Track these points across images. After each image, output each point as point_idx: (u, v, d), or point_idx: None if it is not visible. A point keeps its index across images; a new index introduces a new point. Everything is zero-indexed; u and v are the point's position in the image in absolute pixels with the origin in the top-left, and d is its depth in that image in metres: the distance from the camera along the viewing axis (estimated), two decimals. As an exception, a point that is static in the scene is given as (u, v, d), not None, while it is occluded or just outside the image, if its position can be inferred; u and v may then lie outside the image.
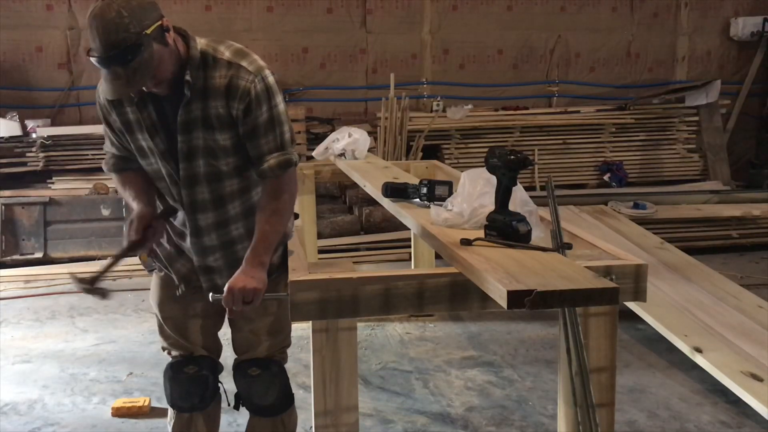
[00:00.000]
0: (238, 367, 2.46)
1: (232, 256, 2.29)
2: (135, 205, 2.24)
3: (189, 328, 2.44)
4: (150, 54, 1.96)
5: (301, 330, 4.14)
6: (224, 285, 2.23)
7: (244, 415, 3.33)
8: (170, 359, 2.50)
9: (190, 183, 2.19)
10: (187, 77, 2.07)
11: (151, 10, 1.97)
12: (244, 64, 2.10)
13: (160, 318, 2.47)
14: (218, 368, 2.53)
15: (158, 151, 2.18)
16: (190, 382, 2.44)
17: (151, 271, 2.45)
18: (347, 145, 4.17)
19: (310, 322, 2.09)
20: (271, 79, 2.14)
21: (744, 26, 7.67)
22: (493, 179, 2.04)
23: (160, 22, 1.98)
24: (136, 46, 1.91)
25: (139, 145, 2.20)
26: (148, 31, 1.94)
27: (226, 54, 2.11)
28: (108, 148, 2.32)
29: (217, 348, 2.55)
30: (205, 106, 2.11)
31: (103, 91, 2.06)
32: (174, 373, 2.45)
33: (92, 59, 1.96)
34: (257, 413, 2.49)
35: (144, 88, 2.06)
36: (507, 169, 1.95)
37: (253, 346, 2.43)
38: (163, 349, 2.52)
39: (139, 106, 2.13)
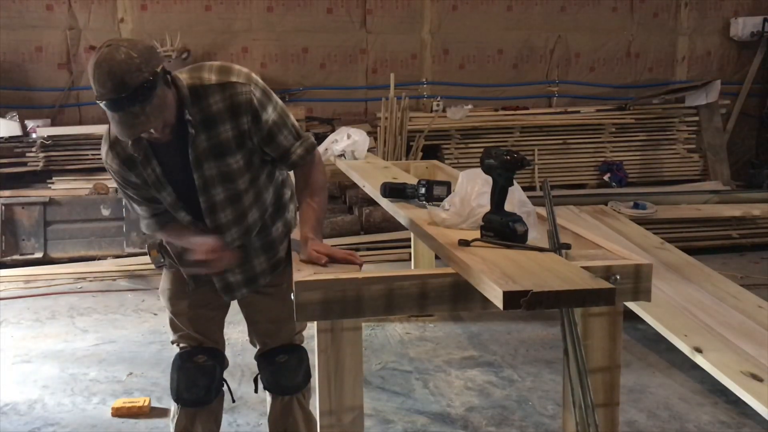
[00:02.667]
0: (263, 356, 2.56)
1: (245, 254, 2.38)
2: (201, 238, 2.29)
3: (199, 321, 2.51)
4: (163, 92, 1.99)
5: (300, 330, 4.14)
6: (236, 283, 2.42)
7: (244, 415, 3.35)
8: (179, 351, 2.54)
9: (212, 211, 2.26)
10: (188, 116, 2.09)
11: (155, 52, 2.01)
12: (233, 79, 2.13)
13: (170, 312, 2.52)
14: (225, 362, 2.61)
15: (168, 202, 2.25)
16: (198, 372, 2.48)
17: (159, 267, 2.50)
18: (346, 146, 4.19)
19: (314, 322, 2.09)
20: (260, 80, 2.21)
21: (744, 26, 7.67)
22: (491, 179, 2.03)
23: (162, 65, 2.01)
24: (151, 83, 1.93)
25: (157, 196, 2.27)
26: (158, 70, 1.97)
27: (212, 78, 2.13)
28: (140, 212, 2.34)
29: (223, 343, 2.63)
30: (212, 135, 2.14)
31: (120, 133, 2.00)
32: (183, 362, 2.49)
33: (104, 104, 1.94)
34: (280, 393, 2.57)
35: (153, 131, 2.03)
36: (503, 169, 1.94)
37: (275, 335, 2.54)
38: (173, 342, 2.57)
39: (143, 164, 2.17)
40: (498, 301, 1.56)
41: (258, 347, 2.61)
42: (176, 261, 2.43)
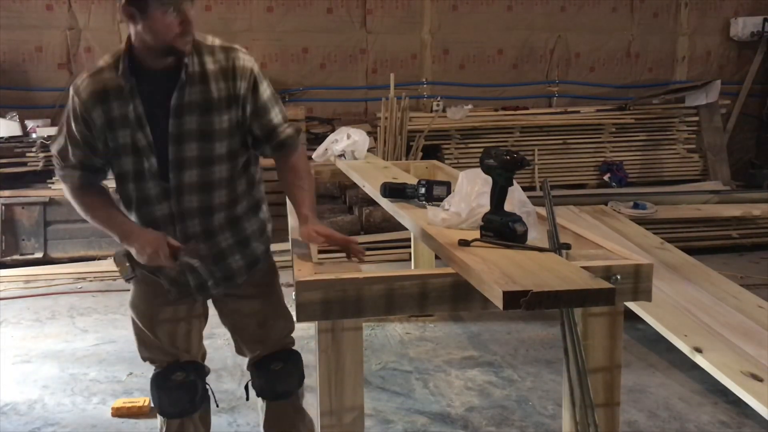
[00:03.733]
0: (258, 365, 2.48)
1: (215, 246, 2.29)
2: (135, 228, 2.19)
3: (177, 332, 2.42)
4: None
5: (301, 330, 4.12)
6: (213, 282, 2.32)
7: (243, 415, 3.35)
8: (155, 371, 2.47)
9: (179, 166, 2.16)
10: (186, 60, 2.10)
11: None
12: (236, 47, 2.20)
13: (142, 327, 2.42)
14: (205, 371, 2.54)
15: (140, 146, 2.14)
16: (179, 389, 2.43)
17: (128, 279, 2.38)
18: (346, 147, 4.19)
19: (313, 322, 2.09)
20: None
21: (744, 26, 7.68)
22: (491, 179, 2.03)
23: None
24: None
25: (117, 144, 2.15)
26: None
27: (216, 42, 2.19)
28: (72, 155, 2.18)
29: (203, 351, 2.58)
30: (205, 90, 2.13)
31: (167, 35, 2.00)
32: (161, 382, 2.43)
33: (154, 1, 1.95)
34: (275, 399, 2.53)
35: (179, 46, 2.04)
36: (503, 169, 1.94)
37: (266, 340, 2.46)
38: (145, 359, 2.48)
39: (128, 97, 2.10)
40: (498, 301, 1.56)
41: (249, 356, 2.53)
42: (152, 271, 2.31)
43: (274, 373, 2.46)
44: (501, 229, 1.95)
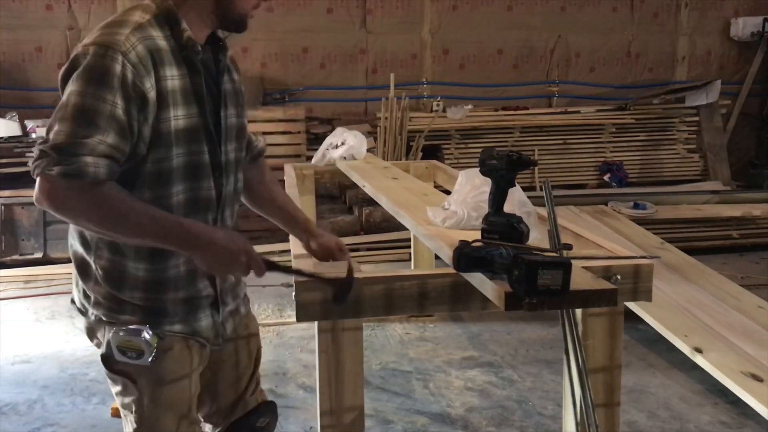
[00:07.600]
0: (237, 426, 2.00)
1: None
2: (206, 227, 1.65)
3: (193, 403, 1.84)
4: None
5: (301, 330, 4.14)
6: (225, 317, 1.84)
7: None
8: None
9: (228, 170, 1.75)
10: (224, 36, 1.73)
11: None
12: None
13: (184, 408, 1.79)
14: None
15: (203, 133, 1.65)
16: None
17: (150, 357, 1.69)
18: (345, 152, 4.22)
19: (313, 322, 2.09)
20: None
21: (744, 26, 7.69)
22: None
23: None
24: None
25: (165, 127, 1.59)
26: None
27: None
28: (98, 141, 1.53)
29: None
30: (232, 79, 1.77)
31: None
32: None
33: None
34: None
35: (249, 17, 1.68)
36: (507, 170, 1.93)
37: (245, 394, 2.02)
38: None
39: (203, 65, 1.63)
40: (500, 302, 1.56)
41: (224, 419, 2.01)
42: (188, 330, 1.76)
43: (260, 431, 2.04)
44: (508, 230, 1.92)
